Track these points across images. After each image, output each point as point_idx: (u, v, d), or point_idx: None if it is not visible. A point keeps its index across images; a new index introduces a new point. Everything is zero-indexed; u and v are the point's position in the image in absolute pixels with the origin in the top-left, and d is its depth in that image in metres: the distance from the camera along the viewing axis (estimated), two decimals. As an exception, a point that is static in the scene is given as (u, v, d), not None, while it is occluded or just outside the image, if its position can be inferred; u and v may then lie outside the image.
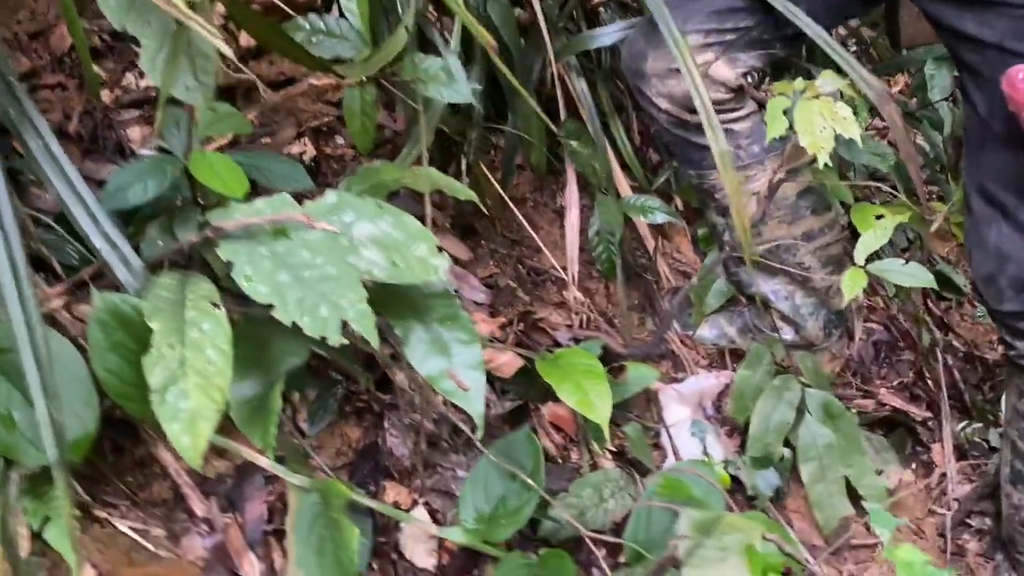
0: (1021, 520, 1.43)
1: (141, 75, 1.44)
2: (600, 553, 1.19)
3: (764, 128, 1.42)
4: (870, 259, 1.29)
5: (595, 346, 1.44)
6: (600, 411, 1.18)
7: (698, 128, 1.37)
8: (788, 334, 1.66)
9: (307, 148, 1.52)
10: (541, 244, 1.61)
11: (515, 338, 1.46)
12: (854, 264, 1.26)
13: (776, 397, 1.53)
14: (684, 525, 0.99)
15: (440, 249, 0.95)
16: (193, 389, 0.79)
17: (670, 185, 1.88)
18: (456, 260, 1.53)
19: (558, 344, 1.52)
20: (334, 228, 0.85)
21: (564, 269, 1.62)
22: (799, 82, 1.25)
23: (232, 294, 0.95)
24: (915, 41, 1.73)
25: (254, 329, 0.95)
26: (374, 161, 1.40)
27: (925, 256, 2.27)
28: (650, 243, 1.78)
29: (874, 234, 1.25)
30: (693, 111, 1.37)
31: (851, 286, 1.23)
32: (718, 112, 1.37)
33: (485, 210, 1.55)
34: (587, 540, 1.03)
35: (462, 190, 1.25)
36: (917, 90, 1.93)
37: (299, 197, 0.95)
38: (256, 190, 1.16)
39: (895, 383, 1.86)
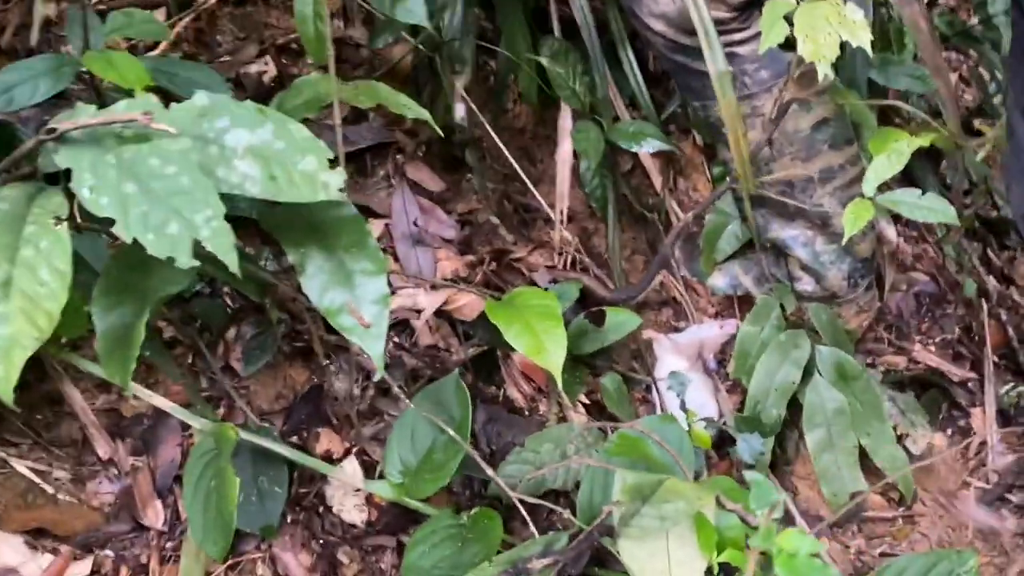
0: None
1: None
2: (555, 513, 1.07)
3: (774, 51, 1.24)
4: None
5: (572, 288, 1.30)
6: (552, 357, 1.04)
7: (697, 52, 1.20)
8: (808, 284, 1.48)
9: (268, 67, 1.40)
10: (525, 177, 1.46)
11: (484, 278, 1.33)
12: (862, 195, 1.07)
13: (781, 354, 1.35)
14: (618, 489, 0.85)
15: (334, 163, 0.81)
16: (15, 313, 0.70)
17: (688, 118, 1.70)
18: (427, 192, 1.40)
19: (536, 286, 1.38)
20: (171, 129, 0.73)
21: (553, 206, 1.47)
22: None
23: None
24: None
25: (136, 252, 0.85)
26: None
27: (980, 199, 2.03)
28: (657, 179, 1.60)
29: (887, 159, 1.05)
30: (690, 32, 1.21)
31: (854, 220, 1.04)
32: (719, 33, 1.20)
33: (437, 132, 1.41)
34: (517, 505, 0.90)
35: (414, 109, 1.11)
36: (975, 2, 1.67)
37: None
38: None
39: (938, 339, 1.65)
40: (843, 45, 1.05)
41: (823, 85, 1.34)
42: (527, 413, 1.26)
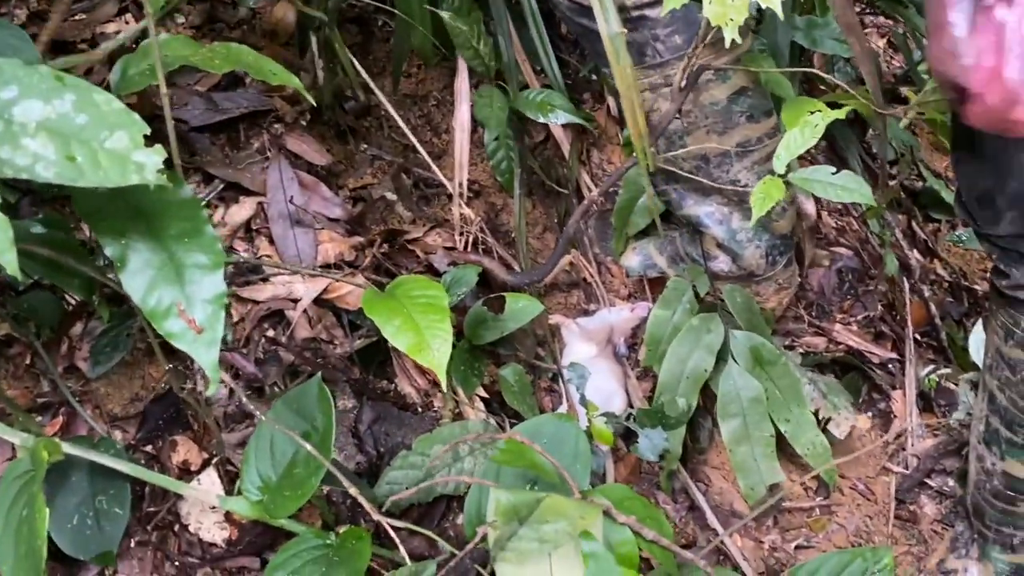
0: (993, 489, 1.18)
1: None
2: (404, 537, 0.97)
3: (689, 14, 1.13)
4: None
5: (471, 272, 1.19)
6: (436, 354, 0.94)
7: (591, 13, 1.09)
8: (724, 264, 1.39)
9: (126, 27, 1.25)
10: (422, 148, 1.34)
11: (373, 261, 1.21)
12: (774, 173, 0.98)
13: (693, 340, 1.27)
14: (492, 510, 0.75)
15: (150, 140, 0.69)
16: None
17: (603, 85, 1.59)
18: (310, 166, 1.27)
19: (433, 269, 1.27)
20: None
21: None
22: (709, -67, 0.95)
23: None
24: None
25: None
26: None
27: (906, 169, 1.98)
28: (568, 152, 1.50)
29: (800, 133, 0.97)
30: None
31: (763, 199, 0.95)
32: None
33: (309, 100, 1.28)
34: (385, 525, 0.80)
35: (280, 75, 0.98)
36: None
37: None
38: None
39: (860, 317, 1.59)
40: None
41: (739, 51, 1.24)
42: (420, 410, 1.16)
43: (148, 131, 0.69)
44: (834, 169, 0.97)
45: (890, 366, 1.49)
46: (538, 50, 1.43)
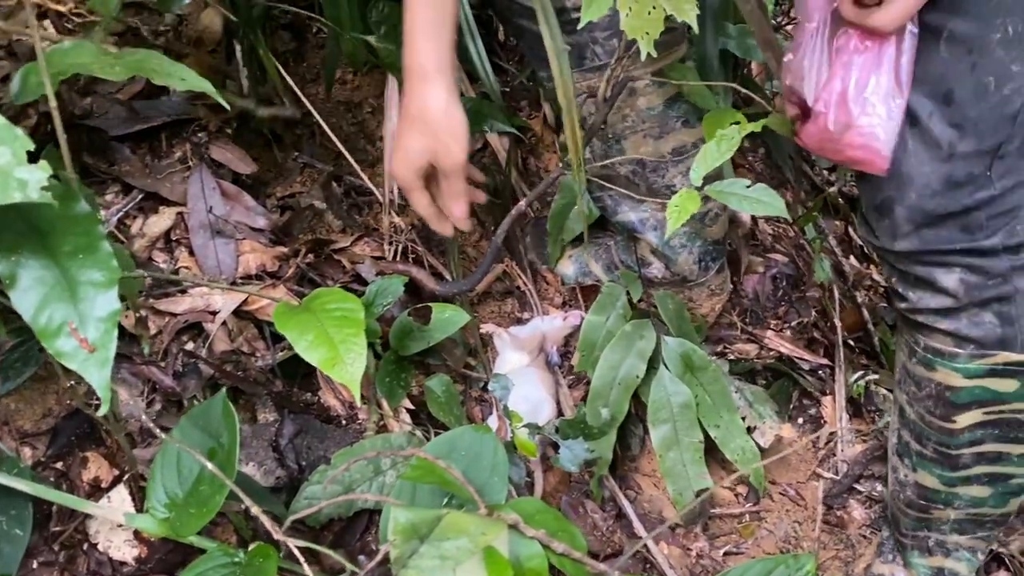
0: (906, 499, 1.20)
1: None
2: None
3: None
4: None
5: (396, 283, 1.18)
6: (351, 369, 0.93)
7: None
8: (658, 270, 1.40)
9: (48, 31, 1.22)
10: (350, 157, 1.33)
11: (297, 272, 1.20)
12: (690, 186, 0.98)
13: (626, 346, 1.28)
14: (391, 528, 0.75)
15: (35, 156, 0.67)
16: None
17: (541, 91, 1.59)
18: (235, 175, 1.25)
19: (360, 279, 1.26)
20: None
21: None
22: (625, -56, 0.95)
23: None
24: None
25: None
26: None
27: (844, 176, 2.00)
28: (504, 159, 1.50)
29: (716, 145, 0.97)
30: None
31: (678, 213, 0.96)
32: None
33: (224, 106, 1.26)
34: (287, 544, 0.79)
35: (190, 81, 0.96)
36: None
37: None
38: None
39: (794, 323, 1.61)
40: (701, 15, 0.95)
41: (674, 58, 1.25)
42: (344, 423, 1.15)
43: (32, 147, 0.68)
44: (748, 182, 0.98)
45: (821, 372, 1.51)
46: (473, 58, 1.42)
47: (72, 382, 0.93)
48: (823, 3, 0.93)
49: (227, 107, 1.02)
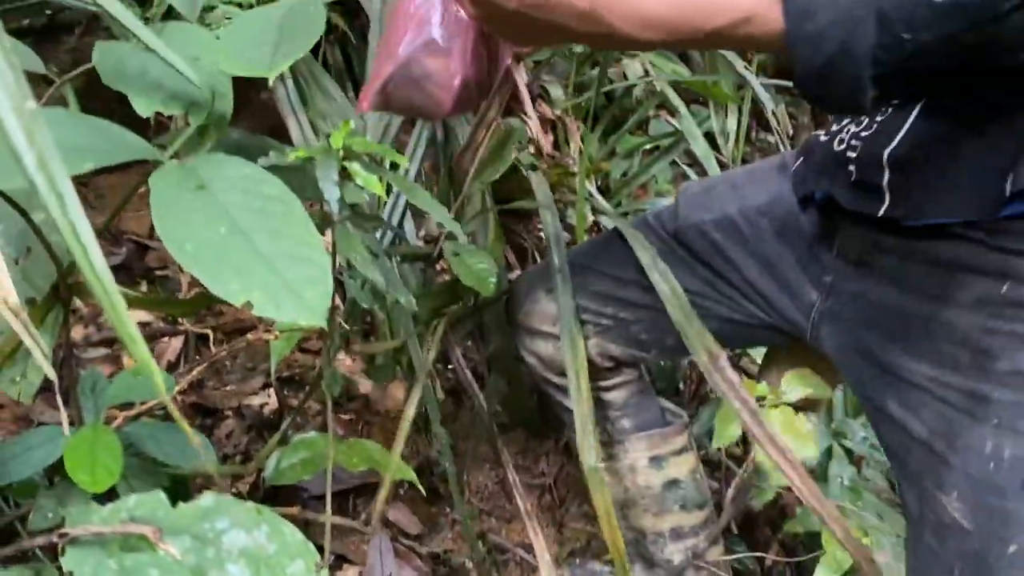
0: None
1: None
2: None
3: (641, 401, 1.31)
4: None
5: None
6: None
7: (562, 390, 1.24)
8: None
9: (270, 399, 1.49)
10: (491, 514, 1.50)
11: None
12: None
13: None
14: None
15: (319, 566, 0.86)
16: None
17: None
18: (403, 533, 1.43)
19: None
20: (175, 552, 0.78)
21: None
22: (760, 386, 1.17)
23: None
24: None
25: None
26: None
27: None
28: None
29: None
30: (560, 373, 1.25)
31: None
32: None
33: (412, 479, 1.45)
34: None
35: (403, 471, 1.18)
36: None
37: (182, 489, 0.90)
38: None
39: None
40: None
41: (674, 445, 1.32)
42: None
43: (319, 559, 0.87)
44: None
45: None
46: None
47: None
48: None
49: (416, 481, 1.23)
